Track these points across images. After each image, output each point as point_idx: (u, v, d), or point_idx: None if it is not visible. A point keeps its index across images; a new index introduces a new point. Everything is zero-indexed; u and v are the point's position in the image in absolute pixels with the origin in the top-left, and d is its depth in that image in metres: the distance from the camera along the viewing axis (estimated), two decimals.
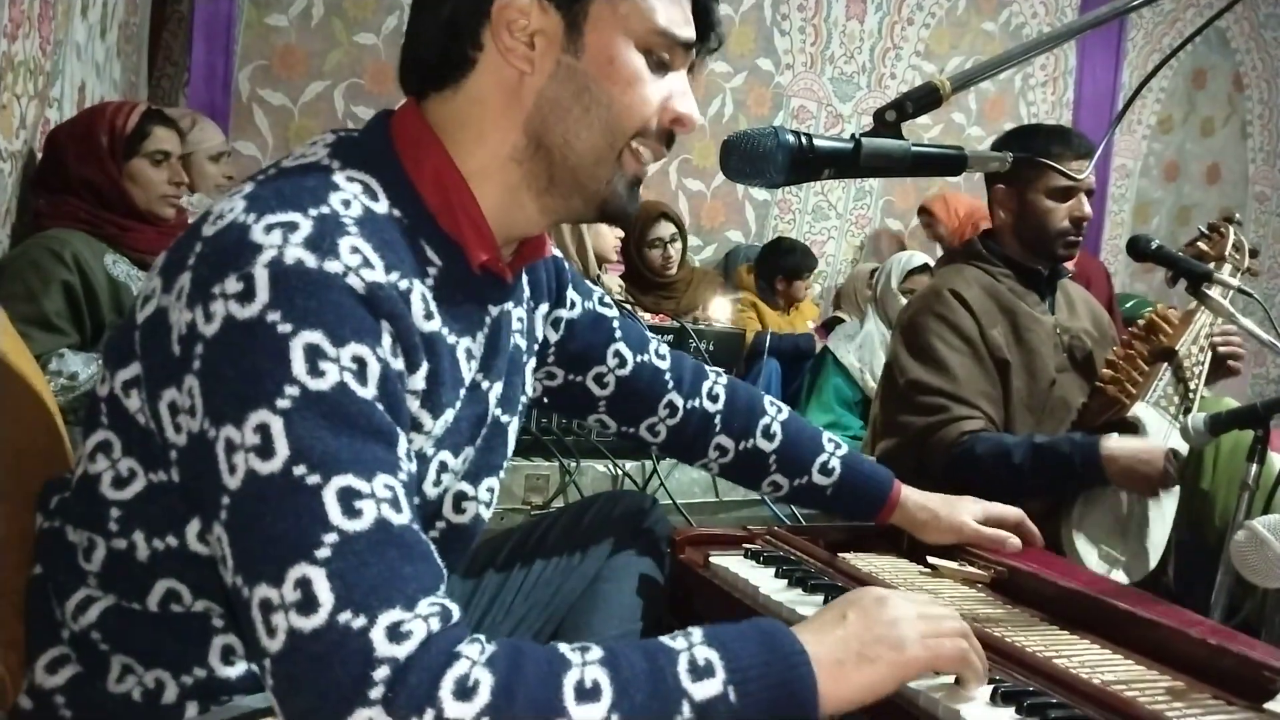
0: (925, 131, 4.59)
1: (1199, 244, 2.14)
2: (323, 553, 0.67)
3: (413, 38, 0.89)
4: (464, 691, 0.66)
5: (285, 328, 0.70)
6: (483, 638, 0.71)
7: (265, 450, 0.69)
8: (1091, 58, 4.95)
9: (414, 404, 0.82)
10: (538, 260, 1.01)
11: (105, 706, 0.81)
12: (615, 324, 1.18)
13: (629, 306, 1.91)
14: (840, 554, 1.21)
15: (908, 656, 0.78)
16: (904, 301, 3.07)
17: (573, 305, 1.14)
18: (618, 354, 1.17)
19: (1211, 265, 1.99)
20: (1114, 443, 1.74)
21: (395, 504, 0.71)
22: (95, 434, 0.83)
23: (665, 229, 3.27)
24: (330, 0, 3.76)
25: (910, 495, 1.26)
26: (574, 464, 1.65)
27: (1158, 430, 1.88)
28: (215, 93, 3.64)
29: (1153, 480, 1.74)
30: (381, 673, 0.65)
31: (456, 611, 0.71)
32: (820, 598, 1.06)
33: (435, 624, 0.68)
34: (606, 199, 0.89)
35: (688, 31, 0.88)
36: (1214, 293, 1.90)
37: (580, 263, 2.80)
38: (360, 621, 0.66)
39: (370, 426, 0.72)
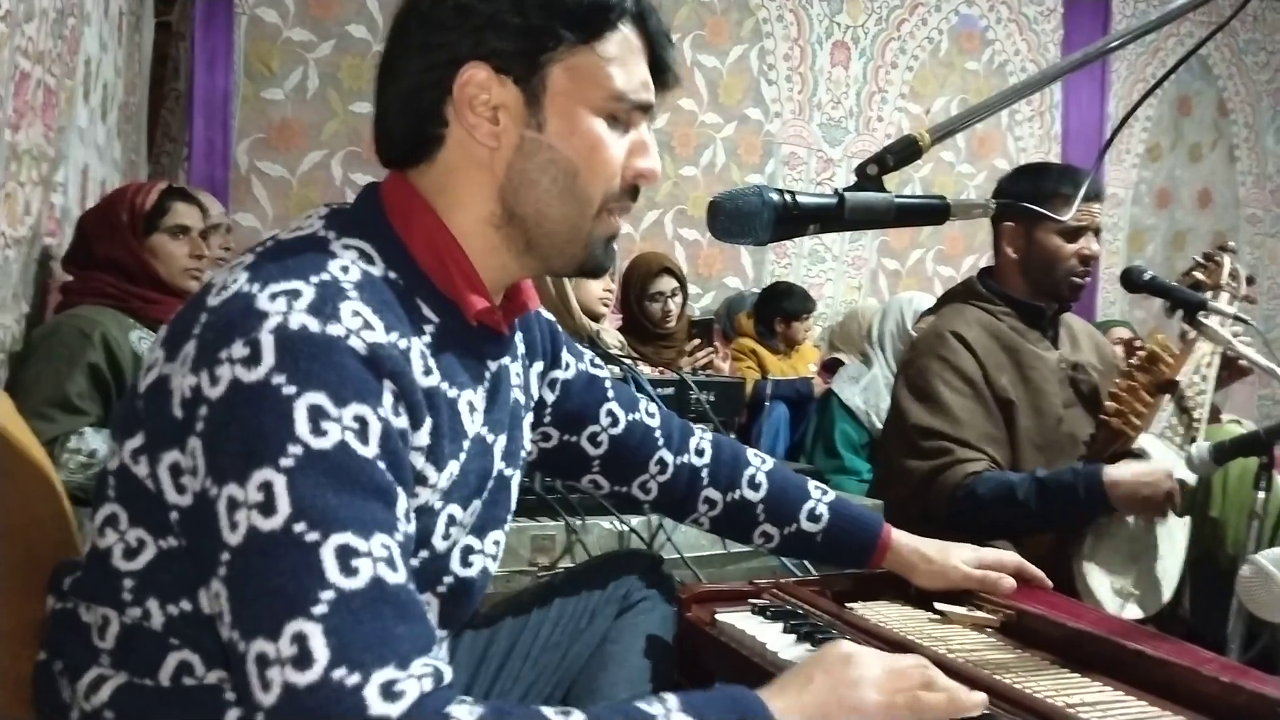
0: (916, 171, 4.64)
1: (1195, 273, 2.13)
2: (319, 609, 0.69)
3: (381, 113, 0.91)
4: None
5: (290, 390, 0.73)
6: (469, 699, 0.72)
7: (267, 507, 0.71)
8: (1077, 91, 5.02)
9: (419, 460, 0.83)
10: (528, 314, 1.04)
11: None
12: (607, 385, 1.21)
13: (630, 360, 1.91)
14: (848, 604, 1.21)
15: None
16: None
17: (567, 366, 1.17)
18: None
19: (1209, 294, 1.99)
20: (1116, 468, 1.73)
21: (391, 563, 0.73)
22: (103, 508, 0.84)
23: (667, 283, 3.28)
24: (325, 72, 3.84)
25: (901, 539, 1.25)
26: (579, 522, 1.64)
27: (1164, 461, 1.88)
28: (215, 167, 3.71)
29: (1157, 502, 1.71)
30: None
31: (449, 673, 0.72)
32: None
33: (428, 684, 0.70)
34: (584, 260, 0.93)
35: (646, 95, 0.91)
36: (1211, 321, 1.90)
37: (567, 318, 2.76)
38: (355, 679, 0.68)
39: (371, 485, 0.74)
